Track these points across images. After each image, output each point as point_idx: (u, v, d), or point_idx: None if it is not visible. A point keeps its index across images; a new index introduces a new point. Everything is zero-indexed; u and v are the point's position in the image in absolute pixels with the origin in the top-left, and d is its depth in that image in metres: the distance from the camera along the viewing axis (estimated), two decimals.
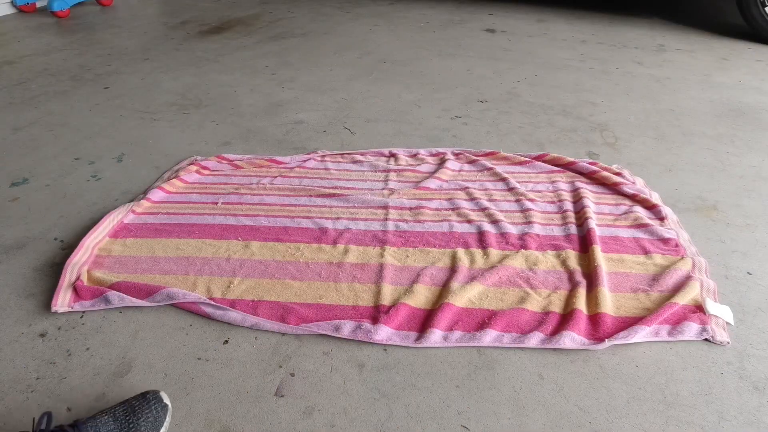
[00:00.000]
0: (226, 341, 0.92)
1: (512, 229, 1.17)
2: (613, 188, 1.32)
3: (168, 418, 0.76)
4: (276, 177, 1.39)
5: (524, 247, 1.12)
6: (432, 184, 1.35)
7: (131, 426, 0.73)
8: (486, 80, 2.10)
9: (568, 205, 1.26)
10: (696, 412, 0.79)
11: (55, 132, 1.66)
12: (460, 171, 1.43)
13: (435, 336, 0.90)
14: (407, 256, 1.10)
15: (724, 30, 2.69)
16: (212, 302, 0.98)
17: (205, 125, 1.73)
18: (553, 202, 1.28)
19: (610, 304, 0.96)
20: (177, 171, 1.43)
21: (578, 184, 1.34)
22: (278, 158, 1.49)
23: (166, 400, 0.77)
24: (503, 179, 1.37)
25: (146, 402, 0.76)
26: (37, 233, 1.19)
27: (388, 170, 1.42)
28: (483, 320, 0.94)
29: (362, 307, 0.98)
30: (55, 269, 1.07)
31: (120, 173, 1.44)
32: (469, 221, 1.20)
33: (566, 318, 0.94)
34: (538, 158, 1.47)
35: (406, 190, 1.32)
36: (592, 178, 1.37)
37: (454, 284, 1.01)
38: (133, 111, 1.83)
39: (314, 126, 1.72)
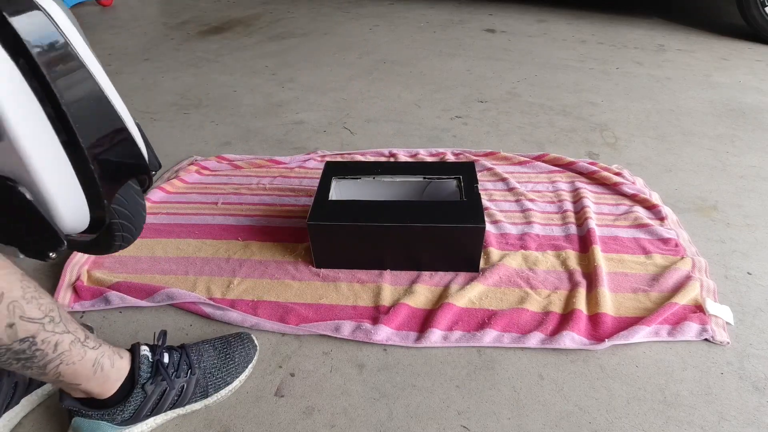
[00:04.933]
0: None
1: (512, 229, 1.17)
2: (613, 188, 1.32)
3: (256, 356, 0.87)
4: (276, 177, 1.39)
5: (524, 247, 1.12)
6: None
7: (227, 357, 0.83)
8: (486, 80, 2.10)
9: (568, 205, 1.26)
10: (696, 412, 0.79)
11: None
12: None
13: (435, 336, 0.90)
14: None
15: (724, 30, 2.69)
16: (212, 302, 0.98)
17: (205, 125, 1.73)
18: (552, 202, 1.28)
19: (610, 304, 0.96)
20: (177, 171, 1.43)
21: (578, 184, 1.34)
22: (278, 158, 1.49)
23: (256, 342, 0.89)
24: (503, 179, 1.37)
25: (240, 339, 0.87)
26: None
27: None
28: (483, 320, 0.94)
29: (362, 308, 0.98)
30: (55, 269, 1.07)
31: None
32: None
33: (566, 318, 0.94)
34: (538, 158, 1.47)
35: None
36: (592, 178, 1.37)
37: (454, 284, 1.01)
38: (133, 111, 1.82)
39: (314, 126, 1.72)
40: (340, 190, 1.15)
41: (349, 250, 1.04)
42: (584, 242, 1.13)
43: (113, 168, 0.71)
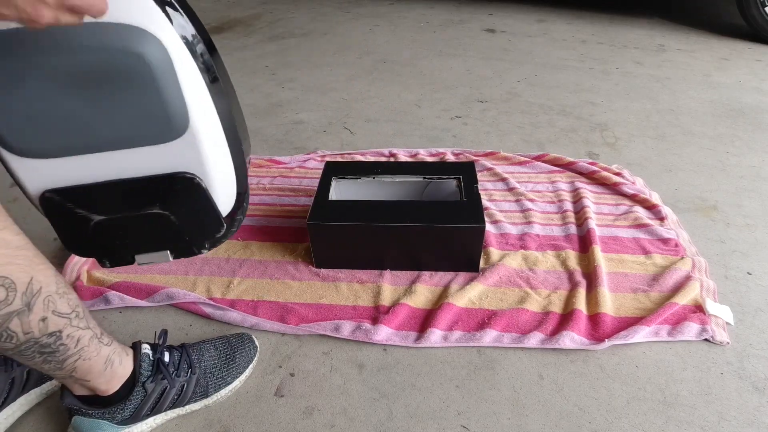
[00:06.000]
0: None
1: (512, 229, 1.17)
2: (613, 188, 1.32)
3: (257, 357, 0.87)
4: (276, 177, 1.39)
5: (524, 247, 1.12)
6: None
7: (228, 357, 0.83)
8: (486, 80, 2.10)
9: (568, 205, 1.26)
10: (696, 412, 0.79)
11: None
12: None
13: (435, 336, 0.90)
14: None
15: (724, 30, 2.69)
16: (212, 302, 0.98)
17: None
18: (552, 202, 1.28)
19: (610, 304, 0.96)
20: None
21: (578, 184, 1.34)
22: (278, 158, 1.49)
23: (257, 343, 0.89)
24: (503, 179, 1.37)
25: (241, 340, 0.87)
26: (37, 233, 1.19)
27: None
28: (483, 320, 0.94)
29: (362, 307, 0.98)
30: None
31: None
32: None
33: (566, 318, 0.94)
34: (538, 158, 1.47)
35: None
36: (592, 178, 1.37)
37: (454, 284, 1.01)
38: None
39: (314, 126, 1.72)
40: (340, 190, 1.15)
41: (349, 250, 1.04)
42: (584, 242, 1.13)
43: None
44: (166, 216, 0.68)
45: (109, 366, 0.68)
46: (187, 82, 0.59)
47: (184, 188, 0.66)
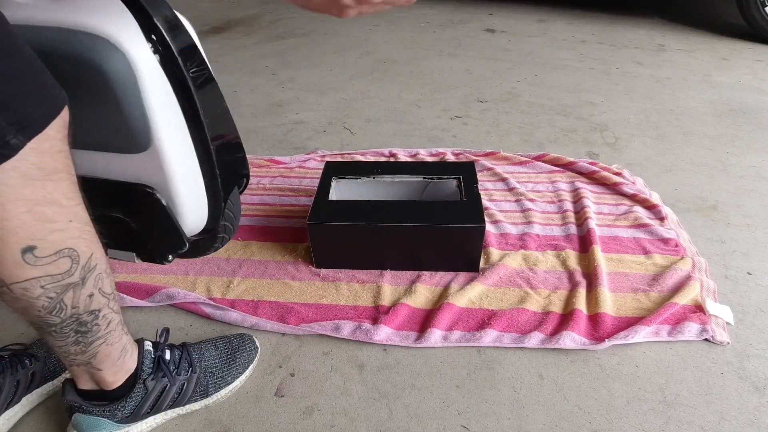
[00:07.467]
0: None
1: (512, 229, 1.17)
2: (613, 188, 1.32)
3: (257, 357, 0.87)
4: (276, 177, 1.39)
5: (524, 247, 1.12)
6: None
7: (229, 357, 0.83)
8: (486, 80, 2.09)
9: (568, 205, 1.26)
10: (696, 412, 0.79)
11: None
12: None
13: (435, 336, 0.90)
14: None
15: (724, 30, 2.69)
16: (212, 302, 0.98)
17: None
18: (553, 202, 1.28)
19: (610, 304, 0.96)
20: None
21: (578, 184, 1.34)
22: (278, 158, 1.49)
23: (257, 343, 0.88)
24: (503, 179, 1.37)
25: (242, 340, 0.86)
26: None
27: None
28: (483, 320, 0.94)
29: (362, 308, 0.98)
30: None
31: None
32: None
33: (566, 318, 0.94)
34: (538, 158, 1.47)
35: None
36: (592, 178, 1.37)
37: (454, 284, 1.01)
38: None
39: (314, 126, 1.72)
40: (340, 190, 1.15)
41: (349, 250, 1.04)
42: (584, 242, 1.13)
43: (230, 174, 0.76)
44: (126, 222, 0.70)
45: (123, 356, 0.68)
46: (153, 100, 0.59)
47: (144, 201, 0.67)
